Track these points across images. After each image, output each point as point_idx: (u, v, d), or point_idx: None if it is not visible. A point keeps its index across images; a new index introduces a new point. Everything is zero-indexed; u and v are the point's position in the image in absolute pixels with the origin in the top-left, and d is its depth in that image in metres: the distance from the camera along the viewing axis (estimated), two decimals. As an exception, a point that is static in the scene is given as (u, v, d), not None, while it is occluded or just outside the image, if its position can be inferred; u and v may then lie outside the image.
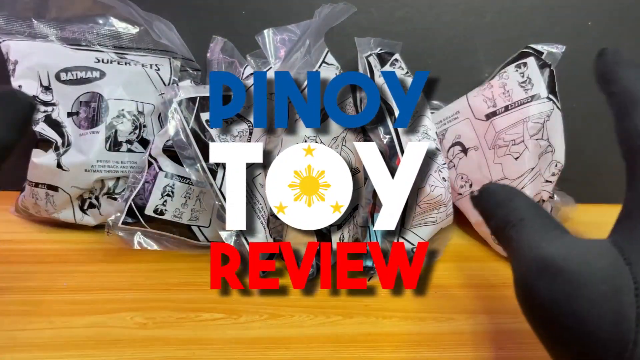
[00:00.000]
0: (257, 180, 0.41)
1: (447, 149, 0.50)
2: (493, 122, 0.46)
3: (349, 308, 0.38)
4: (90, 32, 0.45)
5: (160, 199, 0.41)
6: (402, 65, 0.49)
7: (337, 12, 0.39)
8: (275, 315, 0.36)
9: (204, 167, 0.36)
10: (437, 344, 0.34)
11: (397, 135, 0.38)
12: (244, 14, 0.50)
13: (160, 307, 0.37)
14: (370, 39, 0.47)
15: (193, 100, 0.37)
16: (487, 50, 0.52)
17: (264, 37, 0.39)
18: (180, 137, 0.36)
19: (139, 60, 0.46)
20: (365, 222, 0.43)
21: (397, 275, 0.42)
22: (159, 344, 0.33)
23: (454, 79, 0.53)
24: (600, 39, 0.51)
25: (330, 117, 0.30)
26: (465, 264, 0.45)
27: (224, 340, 0.34)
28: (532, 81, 0.44)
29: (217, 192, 0.37)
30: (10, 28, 0.43)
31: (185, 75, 0.51)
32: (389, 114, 0.39)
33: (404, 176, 0.33)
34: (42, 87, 0.43)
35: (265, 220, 0.42)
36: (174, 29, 0.49)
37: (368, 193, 0.42)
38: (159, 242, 0.45)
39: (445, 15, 0.50)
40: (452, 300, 0.39)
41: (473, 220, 0.49)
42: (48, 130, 0.43)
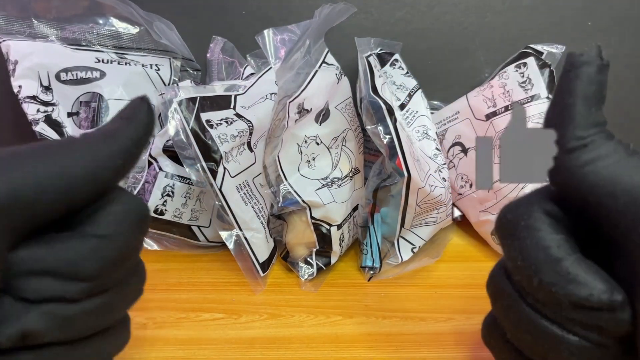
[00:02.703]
0: (257, 181, 0.41)
1: (447, 149, 0.50)
2: (493, 122, 0.46)
3: (349, 308, 0.38)
4: (90, 32, 0.45)
5: (160, 199, 0.41)
6: (402, 65, 0.49)
7: (337, 12, 0.39)
8: (275, 315, 0.36)
9: (204, 167, 0.36)
10: (437, 344, 0.34)
11: (397, 135, 0.38)
12: (244, 14, 0.50)
13: (160, 307, 0.37)
14: (370, 39, 0.47)
15: (193, 100, 0.37)
16: (487, 50, 0.52)
17: (264, 37, 0.39)
18: (180, 137, 0.36)
19: (139, 60, 0.46)
20: (365, 222, 0.43)
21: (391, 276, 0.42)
22: (159, 344, 0.33)
23: (454, 79, 0.53)
24: (600, 39, 0.51)
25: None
26: (465, 264, 0.45)
27: (224, 340, 0.34)
28: (532, 81, 0.44)
29: (217, 192, 0.37)
30: (10, 28, 0.43)
31: (185, 75, 0.51)
32: (389, 114, 0.39)
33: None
34: (42, 87, 0.43)
35: (265, 220, 0.42)
36: (174, 29, 0.49)
37: (368, 193, 0.42)
38: (159, 242, 0.45)
39: (445, 15, 0.50)
40: (452, 300, 0.39)
41: (473, 220, 0.49)
42: (48, 131, 0.43)
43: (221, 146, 0.37)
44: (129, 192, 0.21)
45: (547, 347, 0.19)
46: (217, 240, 0.45)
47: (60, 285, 0.18)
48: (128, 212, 0.20)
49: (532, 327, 0.20)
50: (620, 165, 0.18)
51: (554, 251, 0.19)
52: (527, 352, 0.21)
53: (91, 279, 0.19)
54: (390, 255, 0.43)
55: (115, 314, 0.22)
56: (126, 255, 0.21)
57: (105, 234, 0.19)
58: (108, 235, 0.19)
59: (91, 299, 0.19)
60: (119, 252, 0.20)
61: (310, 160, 0.41)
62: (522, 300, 0.20)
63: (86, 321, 0.19)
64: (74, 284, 0.18)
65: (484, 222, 0.47)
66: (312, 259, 0.41)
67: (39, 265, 0.18)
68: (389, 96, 0.41)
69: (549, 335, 0.19)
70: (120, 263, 0.20)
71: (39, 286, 0.18)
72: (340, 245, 0.42)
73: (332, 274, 0.43)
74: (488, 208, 0.46)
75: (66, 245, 0.18)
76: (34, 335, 0.18)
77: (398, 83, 0.47)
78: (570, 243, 0.19)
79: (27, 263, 0.18)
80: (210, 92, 0.39)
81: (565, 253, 0.19)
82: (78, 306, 0.19)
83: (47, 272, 0.18)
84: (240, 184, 0.39)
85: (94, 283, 0.19)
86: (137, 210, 0.21)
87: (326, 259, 0.42)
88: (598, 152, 0.18)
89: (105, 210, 0.20)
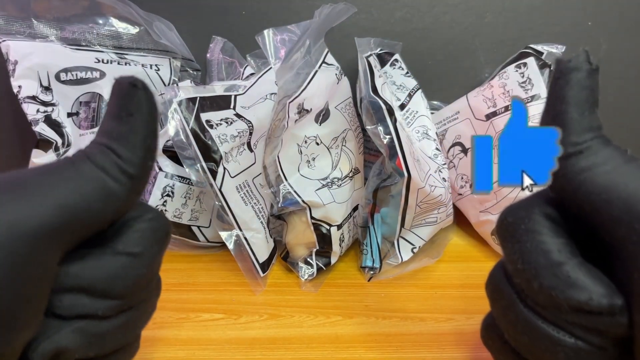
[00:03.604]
0: (257, 181, 0.41)
1: (447, 149, 0.50)
2: (493, 122, 0.46)
3: (349, 308, 0.38)
4: (90, 32, 0.45)
5: (160, 199, 0.41)
6: (402, 65, 0.49)
7: (337, 12, 0.39)
8: (275, 316, 0.36)
9: (204, 167, 0.36)
10: (437, 344, 0.34)
11: (397, 135, 0.38)
12: (244, 14, 0.49)
13: (160, 307, 0.36)
14: (370, 39, 0.47)
15: (193, 101, 0.37)
16: (487, 50, 0.51)
17: (264, 37, 0.39)
18: (180, 137, 0.36)
19: (139, 61, 0.46)
20: (365, 222, 0.43)
21: (391, 276, 0.42)
22: (159, 344, 0.33)
23: (454, 79, 0.53)
24: (600, 39, 0.51)
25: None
26: (465, 264, 0.45)
27: (224, 340, 0.34)
28: (532, 81, 0.44)
29: (217, 192, 0.37)
30: (10, 28, 0.43)
31: (185, 75, 0.51)
32: (389, 114, 0.39)
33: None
34: (42, 87, 0.43)
35: (265, 220, 0.42)
36: (174, 29, 0.49)
37: (368, 193, 0.42)
38: (159, 242, 0.45)
39: (445, 15, 0.50)
40: (452, 300, 0.39)
41: (473, 220, 0.49)
42: (48, 131, 0.43)
43: (221, 146, 0.37)
44: (153, 208, 0.21)
45: (543, 348, 0.19)
46: (217, 240, 0.45)
47: (93, 302, 0.18)
48: (156, 230, 0.20)
49: (529, 329, 0.20)
50: (616, 172, 0.18)
51: (554, 255, 0.19)
52: (523, 353, 0.21)
53: (122, 296, 0.19)
54: (390, 256, 0.43)
55: (138, 330, 0.22)
56: (154, 272, 0.21)
57: (136, 252, 0.19)
58: (138, 253, 0.19)
59: (119, 316, 0.20)
60: (148, 269, 0.20)
61: (310, 160, 0.41)
62: (520, 301, 0.20)
63: (114, 338, 0.20)
64: (106, 301, 0.19)
65: (484, 222, 0.47)
66: (312, 259, 0.41)
67: (73, 282, 0.18)
68: (389, 96, 0.41)
69: (546, 337, 0.19)
70: (149, 280, 0.21)
71: (73, 303, 0.18)
72: (340, 246, 0.42)
73: (332, 274, 0.43)
74: (488, 208, 0.46)
75: (100, 263, 0.19)
76: (66, 352, 0.18)
77: (398, 83, 0.47)
78: (571, 247, 0.19)
79: (62, 280, 0.18)
80: (210, 92, 0.39)
81: (566, 257, 0.19)
82: (109, 323, 0.19)
83: (81, 289, 0.18)
84: (240, 184, 0.39)
85: (123, 300, 0.19)
86: (163, 227, 0.21)
87: (326, 259, 0.42)
88: (594, 159, 0.18)
89: (134, 228, 0.20)
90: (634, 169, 0.18)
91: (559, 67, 0.19)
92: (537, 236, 0.19)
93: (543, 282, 0.19)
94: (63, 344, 0.18)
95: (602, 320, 0.18)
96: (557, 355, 0.19)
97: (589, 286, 0.18)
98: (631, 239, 0.17)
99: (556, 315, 0.19)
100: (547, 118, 0.20)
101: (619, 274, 0.18)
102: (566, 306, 0.18)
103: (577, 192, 0.18)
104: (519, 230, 0.20)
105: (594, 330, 0.18)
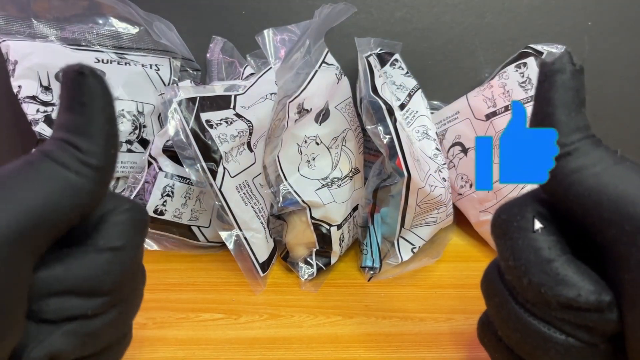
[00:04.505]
0: (257, 181, 0.41)
1: (447, 149, 0.50)
2: (493, 122, 0.46)
3: (348, 308, 0.38)
4: (90, 32, 0.45)
5: (160, 199, 0.41)
6: (402, 65, 0.49)
7: (337, 12, 0.39)
8: (275, 316, 0.36)
9: (204, 167, 0.36)
10: (437, 344, 0.34)
11: (397, 135, 0.38)
12: (244, 14, 0.49)
13: (160, 307, 0.37)
14: (370, 39, 0.47)
15: (193, 100, 0.37)
16: (487, 50, 0.51)
17: (264, 37, 0.39)
18: (180, 137, 0.36)
19: (139, 61, 0.46)
20: (365, 222, 0.43)
21: (391, 276, 0.42)
22: (158, 344, 0.33)
23: (454, 79, 0.53)
24: (600, 39, 0.51)
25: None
26: (465, 264, 0.45)
27: (224, 340, 0.34)
28: (532, 81, 0.44)
29: (217, 192, 0.37)
30: (10, 28, 0.43)
31: (185, 75, 0.51)
32: (388, 114, 0.39)
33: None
34: (42, 87, 0.43)
35: (265, 220, 0.42)
36: (174, 29, 0.49)
37: (368, 193, 0.42)
38: (159, 242, 0.45)
39: (445, 15, 0.50)
40: (452, 300, 0.39)
41: (473, 220, 0.49)
42: (48, 131, 0.43)
43: (221, 146, 0.37)
44: (127, 198, 0.21)
45: (535, 345, 0.20)
46: (217, 240, 0.45)
47: (81, 302, 0.18)
48: (133, 220, 0.20)
49: (520, 325, 0.20)
50: (606, 174, 0.18)
51: (544, 252, 0.19)
52: (517, 350, 0.21)
53: (110, 292, 0.19)
54: (390, 256, 0.43)
55: (129, 321, 0.22)
56: (139, 262, 0.21)
57: (119, 245, 0.19)
58: (121, 246, 0.19)
59: (109, 311, 0.19)
60: (133, 261, 0.20)
61: (310, 160, 0.41)
62: (513, 298, 0.20)
63: (107, 333, 0.20)
64: (95, 300, 0.18)
65: (484, 222, 0.47)
66: (312, 259, 0.41)
67: (59, 286, 0.18)
68: (389, 96, 0.41)
69: (537, 334, 0.19)
70: (134, 272, 0.20)
71: (61, 306, 0.18)
72: (340, 246, 0.42)
73: (332, 274, 0.43)
74: (488, 208, 0.46)
75: (83, 261, 0.18)
76: (60, 356, 0.18)
77: (398, 83, 0.47)
78: (562, 244, 0.19)
79: (46, 284, 0.17)
80: (210, 92, 0.39)
81: (556, 254, 0.19)
82: (100, 320, 0.19)
83: (68, 291, 0.18)
84: (240, 184, 0.39)
85: (112, 296, 0.19)
86: (140, 217, 0.21)
87: (326, 259, 0.42)
88: (584, 160, 0.18)
89: (112, 221, 0.19)
90: (624, 170, 0.18)
91: (542, 70, 0.19)
92: (528, 234, 0.20)
93: (532, 279, 0.19)
94: (55, 348, 0.17)
95: (590, 317, 0.18)
96: (548, 352, 0.19)
97: (577, 283, 0.18)
98: (621, 240, 0.17)
99: (546, 312, 0.19)
100: (535, 121, 0.20)
101: (609, 274, 0.18)
102: (555, 303, 0.18)
103: (567, 193, 0.19)
104: (512, 228, 0.20)
105: (584, 326, 0.18)
